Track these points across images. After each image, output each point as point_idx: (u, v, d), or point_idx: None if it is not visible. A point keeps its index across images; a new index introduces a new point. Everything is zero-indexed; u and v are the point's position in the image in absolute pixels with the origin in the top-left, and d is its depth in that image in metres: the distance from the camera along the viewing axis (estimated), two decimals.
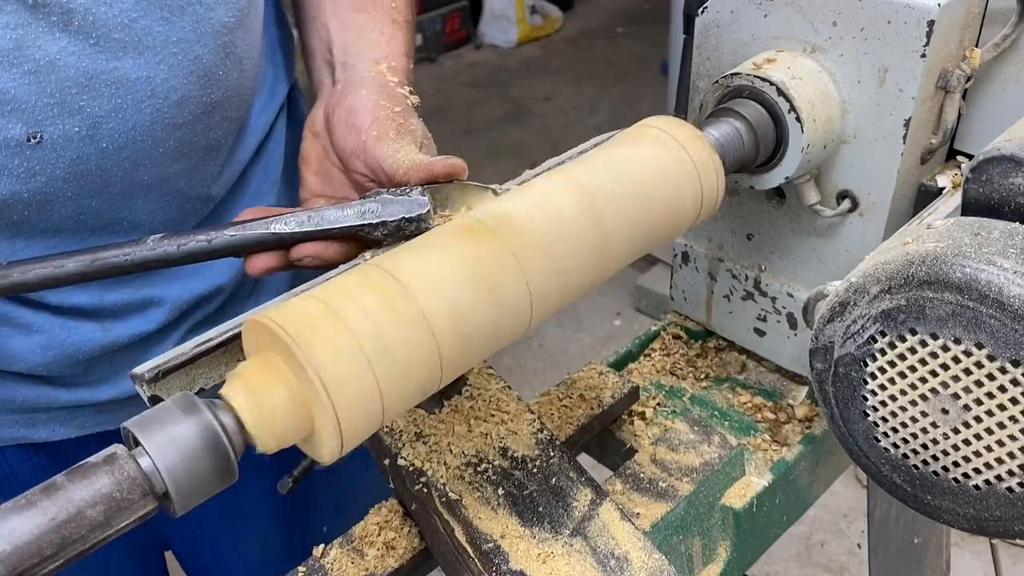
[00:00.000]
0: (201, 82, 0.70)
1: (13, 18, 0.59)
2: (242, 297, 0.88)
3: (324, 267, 0.60)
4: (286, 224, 0.60)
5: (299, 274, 0.62)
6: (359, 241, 0.61)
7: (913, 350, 0.52)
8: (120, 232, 0.72)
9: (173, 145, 0.70)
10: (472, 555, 0.62)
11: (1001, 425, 0.51)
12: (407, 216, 0.59)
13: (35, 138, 0.62)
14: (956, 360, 0.51)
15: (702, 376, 0.91)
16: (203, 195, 0.78)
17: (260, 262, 0.61)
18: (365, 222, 0.59)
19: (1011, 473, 0.52)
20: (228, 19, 0.70)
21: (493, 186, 0.62)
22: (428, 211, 0.59)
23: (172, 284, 0.80)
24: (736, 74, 0.69)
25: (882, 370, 0.55)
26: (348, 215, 0.60)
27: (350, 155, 0.66)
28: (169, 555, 1.09)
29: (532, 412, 0.72)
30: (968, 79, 0.68)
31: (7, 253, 0.68)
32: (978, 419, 0.51)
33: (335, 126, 0.68)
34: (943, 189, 0.72)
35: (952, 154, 0.76)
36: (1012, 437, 0.51)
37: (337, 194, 0.70)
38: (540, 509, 0.64)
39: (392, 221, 0.59)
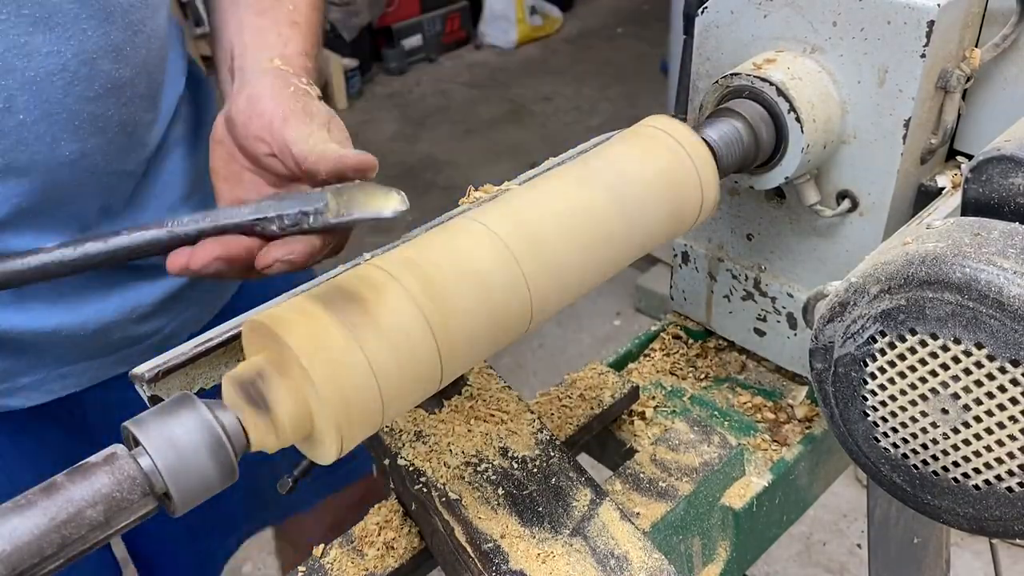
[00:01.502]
0: (110, 58, 0.72)
1: None
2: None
3: (233, 274, 0.61)
4: (180, 223, 0.60)
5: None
6: (261, 238, 0.61)
7: (913, 350, 0.52)
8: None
9: (89, 120, 0.72)
10: (472, 555, 0.62)
11: (1001, 425, 0.51)
12: (303, 209, 0.59)
13: None
14: (956, 360, 0.51)
15: (702, 376, 0.91)
16: (121, 171, 0.79)
17: (178, 261, 0.61)
18: (260, 216, 0.60)
19: (1011, 473, 0.52)
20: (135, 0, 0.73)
21: (396, 189, 0.61)
22: (325, 204, 0.59)
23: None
24: (736, 74, 0.69)
25: (882, 370, 0.55)
26: (243, 212, 0.60)
27: (255, 139, 0.66)
28: None
29: (532, 412, 0.72)
30: (968, 79, 0.68)
31: None
32: (978, 419, 0.51)
33: (235, 119, 0.68)
34: (943, 189, 0.72)
35: (952, 154, 0.76)
36: (1012, 437, 0.51)
37: (250, 197, 0.70)
38: (540, 509, 0.64)
39: (289, 215, 0.59)
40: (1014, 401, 0.50)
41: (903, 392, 0.54)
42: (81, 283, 0.79)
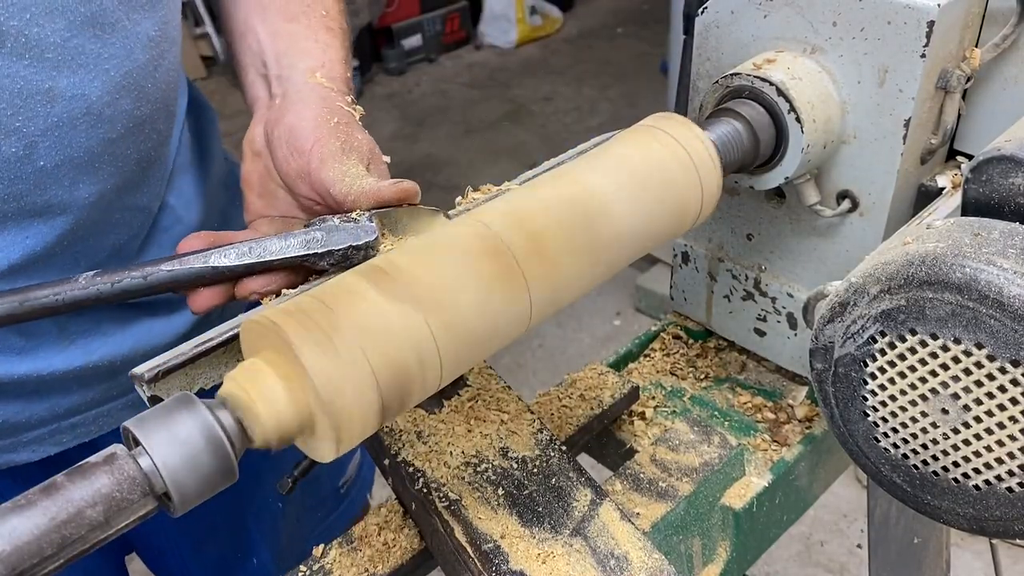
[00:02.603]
0: (132, 96, 0.70)
1: None
2: None
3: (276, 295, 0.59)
4: (225, 256, 0.57)
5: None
6: (306, 270, 0.59)
7: (913, 350, 0.52)
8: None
9: (108, 160, 0.70)
10: (472, 555, 0.62)
11: (1001, 425, 0.51)
12: (354, 244, 0.57)
13: None
14: (956, 360, 0.51)
15: (702, 376, 0.91)
16: (135, 206, 0.77)
17: (203, 300, 0.59)
18: (310, 252, 0.57)
19: (1011, 473, 0.52)
20: (154, 32, 0.71)
21: (444, 210, 0.61)
22: (376, 238, 0.57)
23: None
24: (736, 74, 0.69)
25: (882, 370, 0.55)
26: (291, 245, 0.57)
27: (295, 179, 0.65)
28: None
29: (532, 412, 0.72)
30: (968, 79, 0.68)
31: None
32: (978, 419, 0.51)
33: (276, 148, 0.66)
34: (943, 189, 0.72)
35: (952, 154, 0.76)
36: (1012, 437, 0.51)
37: (282, 214, 0.68)
38: (540, 509, 0.64)
39: (338, 250, 0.57)
40: (1014, 401, 0.50)
41: (903, 392, 0.54)
42: (91, 325, 0.78)
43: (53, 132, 0.65)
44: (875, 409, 0.56)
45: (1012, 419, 0.50)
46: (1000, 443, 0.51)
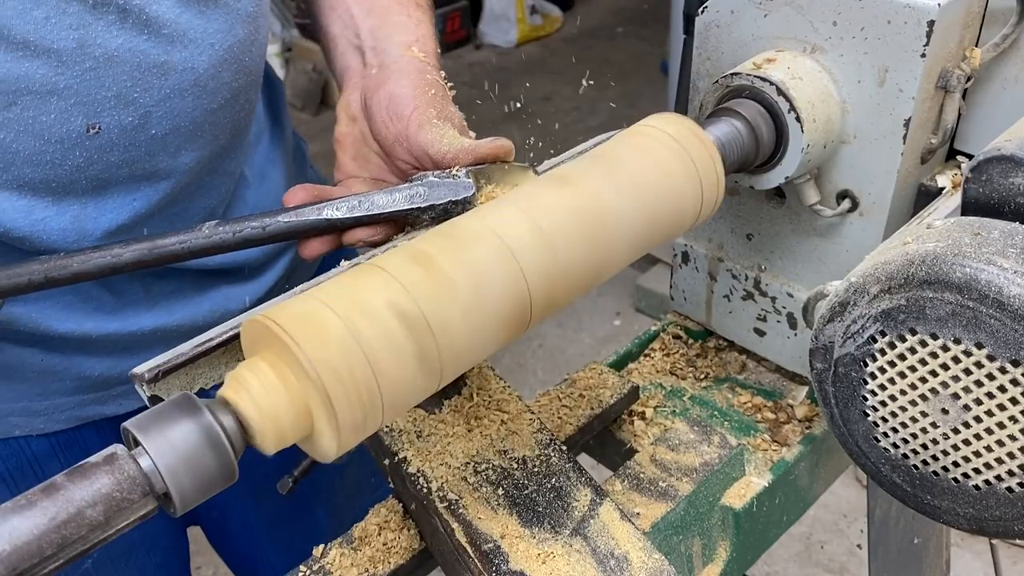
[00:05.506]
0: (232, 68, 0.74)
1: (75, 19, 0.63)
2: None
3: (374, 247, 0.64)
4: (337, 209, 0.62)
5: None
6: (405, 223, 0.64)
7: (913, 350, 0.52)
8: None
9: (208, 129, 0.75)
10: (472, 555, 0.62)
11: (1001, 425, 0.51)
12: (454, 199, 0.61)
13: (94, 129, 0.67)
14: (956, 360, 0.51)
15: (702, 376, 0.91)
16: (224, 171, 0.82)
17: (315, 247, 0.65)
18: (414, 206, 0.62)
19: (1011, 473, 0.52)
20: (252, 8, 0.75)
21: (534, 165, 0.64)
22: (473, 193, 0.62)
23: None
24: (736, 74, 0.69)
25: (882, 370, 0.55)
26: (397, 200, 0.62)
27: (393, 143, 0.69)
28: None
29: (532, 412, 0.72)
30: (968, 79, 0.68)
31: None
32: (978, 419, 0.51)
33: (375, 113, 0.70)
34: (943, 189, 0.72)
35: (952, 154, 0.76)
36: (1012, 437, 0.51)
37: (372, 176, 0.73)
38: (540, 509, 0.64)
39: (440, 204, 0.62)
40: (1014, 401, 0.50)
41: (903, 392, 0.54)
42: (173, 288, 0.83)
43: (165, 103, 0.70)
44: (875, 409, 0.56)
45: (1012, 419, 0.50)
46: (1000, 443, 0.51)
